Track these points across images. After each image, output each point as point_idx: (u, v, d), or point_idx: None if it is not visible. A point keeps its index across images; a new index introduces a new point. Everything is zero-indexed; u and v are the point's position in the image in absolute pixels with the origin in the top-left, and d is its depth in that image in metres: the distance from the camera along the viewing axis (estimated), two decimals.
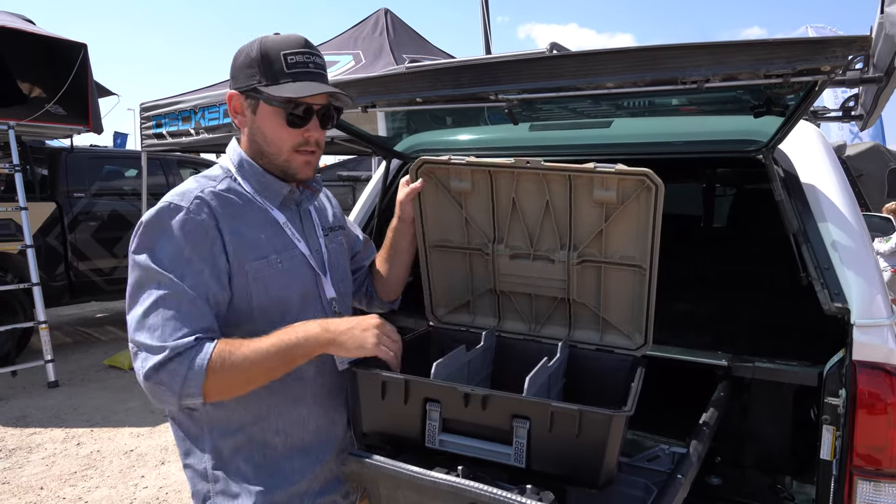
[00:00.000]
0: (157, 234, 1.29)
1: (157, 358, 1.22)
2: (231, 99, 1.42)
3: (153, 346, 1.23)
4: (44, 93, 6.44)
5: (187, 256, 1.29)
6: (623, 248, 1.65)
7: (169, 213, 1.30)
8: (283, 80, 1.35)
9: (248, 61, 1.37)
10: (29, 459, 4.17)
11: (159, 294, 1.26)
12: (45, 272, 6.31)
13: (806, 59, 1.22)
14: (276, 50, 1.36)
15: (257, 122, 1.41)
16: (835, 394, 1.56)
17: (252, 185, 1.44)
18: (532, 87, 1.54)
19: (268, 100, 1.37)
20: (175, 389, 1.23)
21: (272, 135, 1.40)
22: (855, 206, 1.78)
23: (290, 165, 1.43)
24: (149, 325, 1.25)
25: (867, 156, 12.37)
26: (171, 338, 1.23)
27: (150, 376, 1.23)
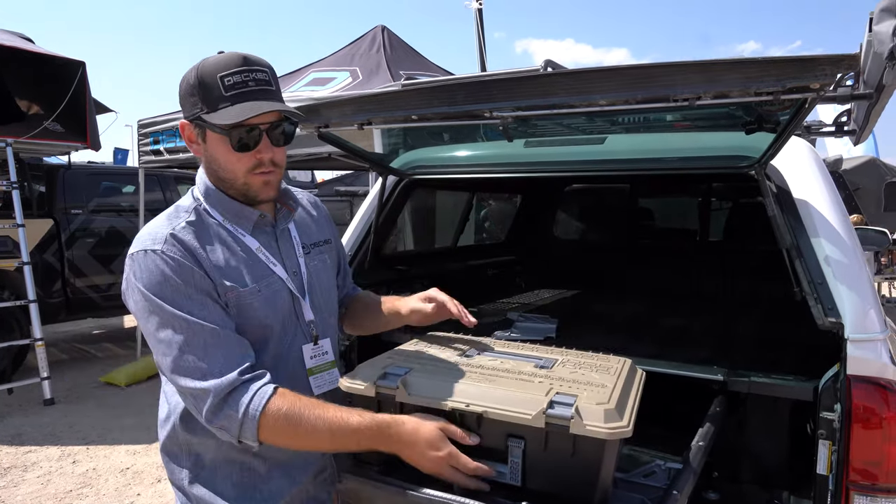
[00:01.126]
0: (147, 282, 1.28)
1: (206, 403, 1.25)
2: (183, 129, 1.40)
3: (197, 388, 1.25)
4: (42, 110, 6.46)
5: (184, 291, 1.28)
6: None
7: (146, 260, 1.29)
8: (223, 105, 1.30)
9: (189, 89, 1.33)
10: (24, 478, 4.14)
11: (179, 339, 1.26)
12: (41, 289, 6.29)
13: (795, 77, 1.23)
14: (213, 73, 1.30)
15: (209, 149, 1.37)
16: (830, 408, 1.56)
17: (221, 213, 1.41)
18: (526, 105, 1.56)
19: (211, 127, 1.32)
20: (233, 434, 1.26)
21: (224, 161, 1.36)
22: (847, 221, 1.79)
23: (250, 189, 1.39)
24: (187, 370, 1.26)
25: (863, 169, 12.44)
26: (212, 375, 1.25)
27: (210, 421, 1.26)
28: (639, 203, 4.45)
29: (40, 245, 6.53)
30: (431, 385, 1.36)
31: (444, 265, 3.66)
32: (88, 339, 8.35)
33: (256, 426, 1.24)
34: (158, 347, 1.29)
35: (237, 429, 1.25)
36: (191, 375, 1.26)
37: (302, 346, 1.47)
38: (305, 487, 1.46)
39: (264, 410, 1.24)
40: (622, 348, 1.86)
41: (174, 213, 1.39)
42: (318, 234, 1.62)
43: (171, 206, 1.44)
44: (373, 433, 1.27)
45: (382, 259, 2.79)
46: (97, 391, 6.01)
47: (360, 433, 1.26)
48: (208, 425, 1.27)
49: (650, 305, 3.41)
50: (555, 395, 1.27)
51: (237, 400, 1.24)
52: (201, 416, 1.26)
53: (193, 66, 1.33)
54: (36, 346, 5.65)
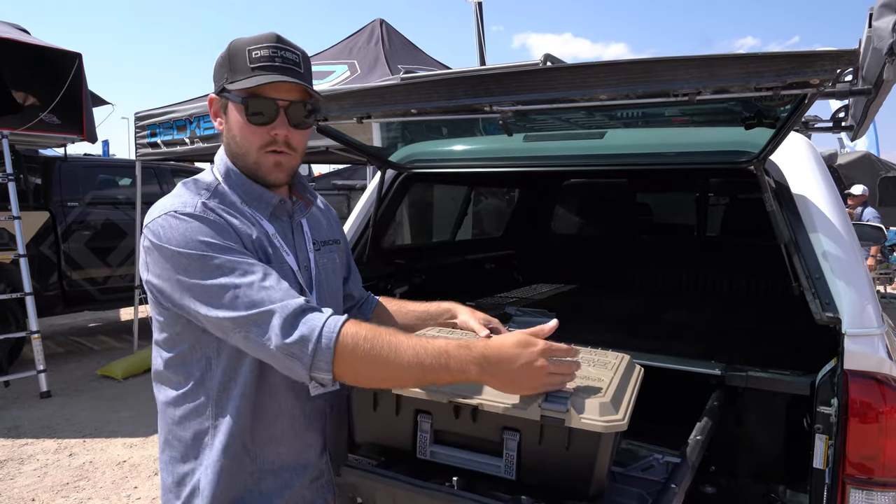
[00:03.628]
0: (181, 240, 1.21)
1: (274, 324, 1.15)
2: (211, 103, 1.38)
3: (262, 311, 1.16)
4: (38, 102, 6.43)
5: (227, 247, 1.22)
6: None
7: (177, 219, 1.23)
8: (244, 75, 1.28)
9: (220, 62, 1.33)
10: (21, 471, 4.14)
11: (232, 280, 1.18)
12: (38, 282, 6.28)
13: (795, 73, 1.24)
14: (243, 46, 1.30)
15: (228, 122, 1.35)
16: (827, 403, 1.57)
17: (239, 195, 1.37)
18: (526, 99, 1.55)
19: (232, 96, 1.30)
20: (306, 362, 1.14)
21: (238, 133, 1.34)
22: (845, 216, 1.80)
23: (261, 167, 1.35)
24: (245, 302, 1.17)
25: (858, 164, 12.50)
26: (274, 301, 1.17)
27: (279, 346, 1.14)
28: (637, 198, 4.46)
29: (36, 237, 6.51)
30: None
31: (442, 259, 3.67)
32: (85, 332, 8.34)
33: (333, 352, 1.14)
34: (211, 300, 1.19)
35: (310, 357, 1.14)
36: (251, 306, 1.16)
37: None
38: (301, 492, 1.42)
39: (341, 332, 1.15)
40: (620, 343, 1.87)
41: (194, 186, 1.34)
42: (329, 233, 1.60)
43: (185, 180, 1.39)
44: (460, 352, 1.16)
45: (381, 252, 2.79)
46: (94, 384, 6.01)
47: (448, 354, 1.16)
48: (278, 353, 1.15)
49: (648, 300, 3.42)
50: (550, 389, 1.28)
51: (311, 319, 1.16)
52: (270, 343, 1.15)
53: (230, 43, 1.33)
54: (32, 338, 5.63)
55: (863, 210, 8.98)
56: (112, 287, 7.13)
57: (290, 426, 1.39)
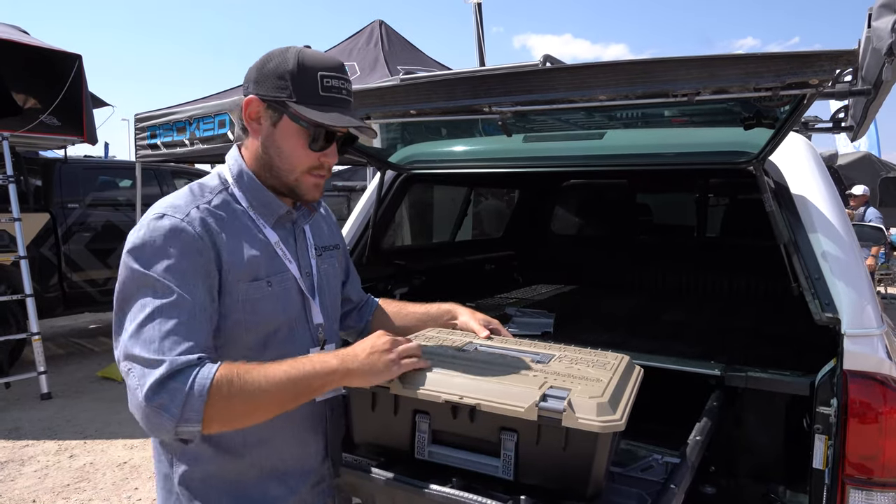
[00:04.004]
0: (150, 246, 1.21)
1: (155, 374, 1.10)
2: (250, 104, 1.32)
3: (150, 359, 1.12)
4: (38, 104, 6.43)
5: (182, 269, 1.21)
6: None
7: (160, 224, 1.23)
8: (315, 103, 1.29)
9: (281, 71, 1.29)
10: (21, 472, 4.14)
11: (157, 304, 1.17)
12: (38, 283, 6.28)
13: (794, 73, 1.24)
14: (315, 68, 1.29)
15: (276, 135, 1.33)
16: (826, 403, 1.57)
17: (248, 200, 1.37)
18: (525, 100, 1.56)
19: (294, 117, 1.29)
20: (174, 413, 1.10)
21: (290, 152, 1.33)
22: (845, 217, 1.80)
23: (300, 186, 1.36)
24: (144, 338, 1.15)
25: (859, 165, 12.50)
26: (171, 352, 1.14)
27: (149, 398, 1.10)
28: (637, 199, 4.46)
29: (37, 239, 6.51)
30: (426, 378, 1.37)
31: (442, 260, 3.67)
32: (85, 334, 8.34)
33: (203, 403, 1.11)
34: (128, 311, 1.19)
35: (179, 409, 1.10)
36: (148, 345, 1.14)
37: (309, 349, 1.41)
38: (302, 497, 1.42)
39: (214, 380, 1.12)
40: (619, 343, 1.87)
41: (199, 190, 1.33)
42: (329, 238, 1.61)
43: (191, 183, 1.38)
44: (325, 366, 1.23)
45: (381, 254, 2.79)
46: (94, 386, 6.01)
47: (315, 372, 1.21)
48: (144, 404, 1.10)
49: (648, 301, 3.42)
50: (548, 389, 1.28)
51: (186, 374, 1.12)
52: (140, 391, 1.11)
53: (287, 51, 1.30)
54: (33, 340, 5.64)
55: (865, 210, 8.90)
56: (112, 289, 7.06)
57: (288, 429, 1.39)
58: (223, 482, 1.34)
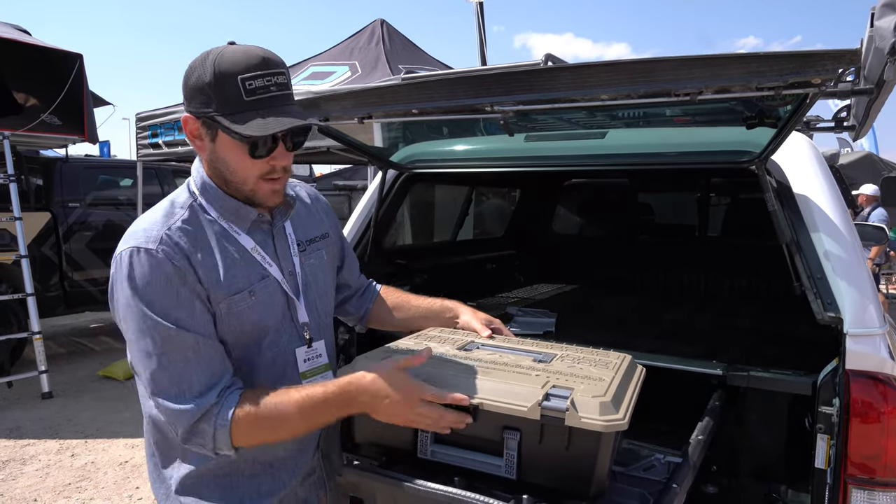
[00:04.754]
0: (137, 283, 1.21)
1: (183, 423, 1.21)
2: (186, 122, 1.28)
3: (176, 410, 1.21)
4: (39, 103, 6.44)
5: (175, 296, 1.22)
6: None
7: (139, 259, 1.22)
8: (242, 111, 1.21)
9: (201, 85, 1.22)
10: (23, 471, 4.14)
11: (164, 349, 1.21)
12: (39, 282, 6.28)
13: (797, 72, 1.24)
14: (233, 74, 1.20)
15: (217, 150, 1.29)
16: (828, 403, 1.57)
17: (217, 210, 1.34)
18: (527, 99, 1.55)
19: (226, 130, 1.23)
20: (209, 447, 1.23)
21: (235, 165, 1.29)
22: (847, 216, 1.79)
23: (257, 195, 1.33)
24: (164, 387, 1.22)
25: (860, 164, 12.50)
26: (191, 393, 1.21)
27: (185, 440, 1.23)
28: (638, 198, 4.46)
29: (38, 238, 6.52)
30: (429, 377, 1.36)
31: (443, 259, 3.67)
32: (86, 333, 8.34)
33: (229, 435, 1.22)
34: (137, 356, 1.24)
35: (212, 443, 1.22)
36: (168, 395, 1.21)
37: (296, 349, 1.42)
38: (294, 490, 1.42)
39: (233, 418, 1.21)
40: (621, 343, 1.87)
41: (169, 209, 1.31)
42: (315, 228, 1.55)
43: (166, 198, 1.36)
44: (338, 397, 1.25)
45: (382, 253, 2.79)
46: (95, 385, 6.01)
47: (328, 402, 1.24)
48: (184, 444, 1.25)
49: (649, 300, 3.42)
50: (551, 388, 1.28)
51: (210, 414, 1.22)
52: (177, 436, 1.24)
53: (206, 59, 1.22)
54: (34, 339, 5.64)
55: (871, 211, 8.69)
56: None
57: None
58: (216, 477, 1.35)
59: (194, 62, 1.25)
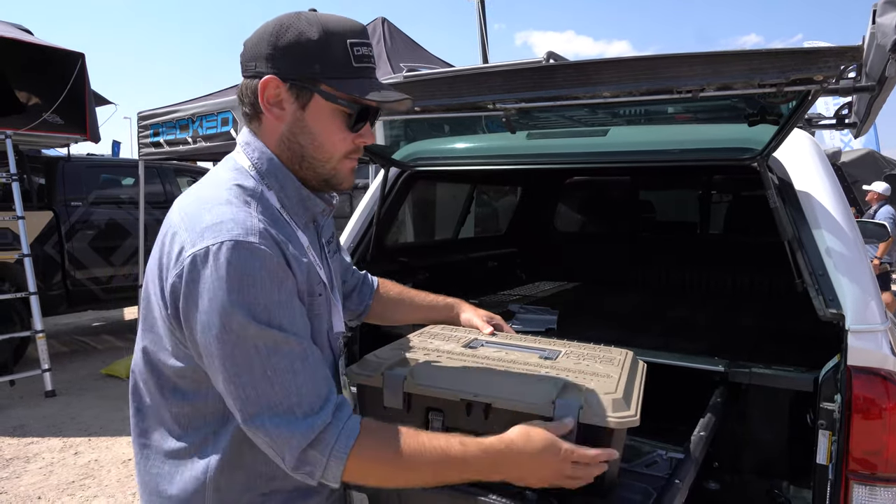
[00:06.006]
0: (236, 283, 1.00)
1: (296, 449, 1.02)
2: (267, 86, 1.11)
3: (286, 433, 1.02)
4: (41, 102, 6.45)
5: (279, 296, 1.04)
6: None
7: (238, 254, 1.01)
8: (349, 77, 1.11)
9: (304, 43, 1.08)
10: (26, 469, 4.16)
11: (270, 360, 1.02)
12: (42, 281, 6.30)
13: (799, 69, 1.24)
14: (342, 36, 1.10)
15: (307, 119, 1.13)
16: (830, 399, 1.57)
17: (280, 199, 1.16)
18: (529, 97, 1.56)
19: (329, 96, 1.11)
20: (315, 477, 1.05)
21: (325, 137, 1.15)
22: (849, 213, 1.80)
23: (338, 174, 1.19)
24: (270, 405, 1.02)
25: (862, 162, 12.48)
26: (301, 411, 1.03)
27: (295, 469, 1.04)
28: (640, 195, 4.46)
29: (40, 237, 6.53)
30: (439, 375, 1.37)
31: (445, 257, 3.67)
32: (89, 332, 8.36)
33: (342, 469, 1.04)
34: (231, 371, 1.02)
35: (321, 471, 1.04)
36: (275, 414, 1.02)
37: (333, 362, 1.28)
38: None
39: (352, 452, 1.04)
40: (623, 340, 1.87)
41: (240, 194, 1.10)
42: (328, 229, 1.42)
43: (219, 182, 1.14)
44: (487, 458, 1.10)
45: (384, 251, 2.80)
46: (98, 383, 6.02)
47: (466, 463, 1.08)
48: (291, 472, 1.06)
49: (651, 297, 3.43)
50: (562, 386, 1.28)
51: (325, 441, 1.04)
52: (283, 464, 1.05)
53: (304, 16, 1.10)
54: (37, 338, 5.66)
55: (877, 209, 8.49)
56: (116, 286, 7.15)
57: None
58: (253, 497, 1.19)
59: (283, 20, 1.11)
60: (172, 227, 1.09)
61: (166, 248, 1.08)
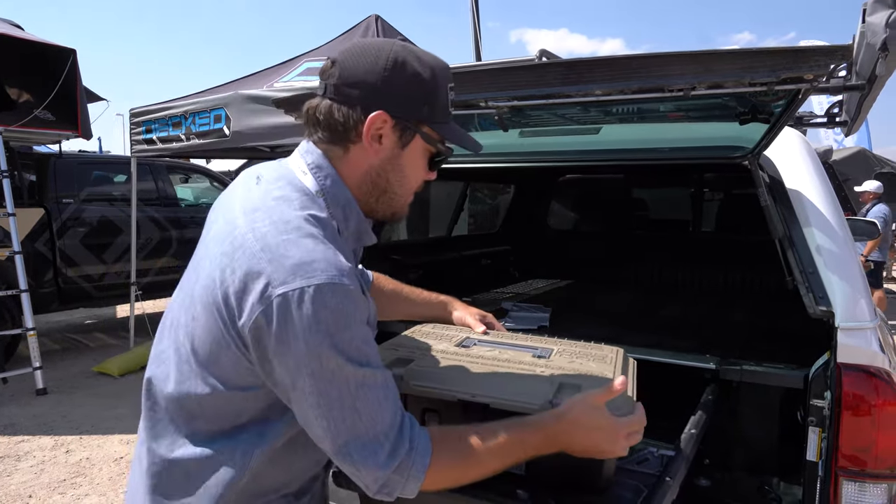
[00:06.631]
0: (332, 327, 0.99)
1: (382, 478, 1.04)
2: (374, 122, 1.09)
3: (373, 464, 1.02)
4: (32, 98, 6.40)
5: (366, 336, 1.05)
6: None
7: (332, 297, 0.98)
8: (446, 122, 1.15)
9: (417, 84, 1.09)
10: (17, 467, 4.14)
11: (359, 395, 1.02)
12: (33, 279, 6.25)
13: (789, 68, 1.25)
14: (444, 82, 1.12)
15: (403, 158, 1.14)
16: (820, 396, 1.58)
17: (340, 227, 1.13)
18: (522, 94, 1.56)
19: (430, 140, 1.14)
20: (393, 495, 1.06)
21: (412, 175, 1.17)
22: (839, 211, 1.81)
23: (405, 208, 1.22)
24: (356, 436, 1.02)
25: (853, 161, 12.54)
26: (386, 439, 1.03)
27: (376, 492, 1.06)
28: (633, 194, 4.47)
29: (31, 234, 6.49)
30: (435, 375, 1.37)
31: (438, 255, 3.67)
32: (81, 329, 8.32)
33: (419, 485, 1.06)
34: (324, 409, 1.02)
35: (399, 491, 1.06)
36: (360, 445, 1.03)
37: None
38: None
39: (428, 472, 1.06)
40: (615, 337, 1.88)
41: (318, 226, 1.06)
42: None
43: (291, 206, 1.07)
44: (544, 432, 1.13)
45: (376, 248, 2.79)
46: (90, 381, 6.00)
47: (525, 444, 1.12)
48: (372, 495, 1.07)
49: (643, 295, 3.44)
50: (559, 385, 1.29)
51: (404, 465, 1.05)
52: (366, 489, 1.07)
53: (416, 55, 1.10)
54: (28, 335, 5.62)
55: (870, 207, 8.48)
56: (108, 284, 7.10)
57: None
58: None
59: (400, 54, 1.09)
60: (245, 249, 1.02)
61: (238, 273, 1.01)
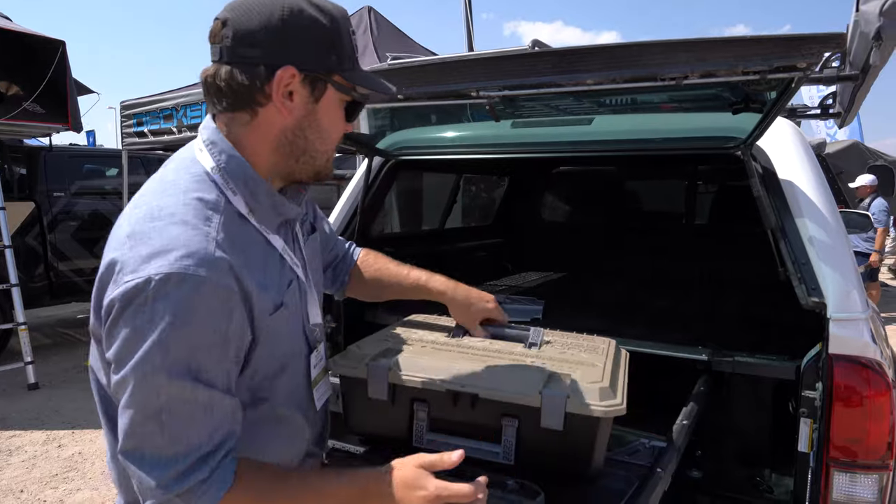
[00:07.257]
0: (163, 326, 0.90)
1: (158, 498, 0.94)
2: (283, 77, 1.00)
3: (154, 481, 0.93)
4: (21, 91, 6.34)
5: (211, 342, 0.94)
6: None
7: (177, 291, 0.90)
8: (354, 66, 1.06)
9: (324, 33, 1.01)
10: (9, 462, 4.12)
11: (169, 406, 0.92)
12: (24, 273, 6.21)
13: (782, 56, 1.23)
14: (345, 23, 1.04)
15: (319, 112, 1.06)
16: (812, 387, 1.58)
17: (248, 205, 1.05)
18: (513, 84, 1.54)
19: (342, 88, 1.06)
20: None
21: (330, 129, 1.09)
22: (832, 202, 1.80)
23: (328, 165, 1.13)
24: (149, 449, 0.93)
25: (847, 153, 12.58)
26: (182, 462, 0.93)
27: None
28: (626, 186, 4.47)
29: (22, 228, 6.44)
30: (424, 366, 1.36)
31: (431, 247, 3.66)
32: (72, 324, 8.27)
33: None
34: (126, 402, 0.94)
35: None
36: (154, 459, 0.93)
37: (307, 355, 1.20)
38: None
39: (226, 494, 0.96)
40: (608, 329, 1.87)
41: (200, 210, 0.98)
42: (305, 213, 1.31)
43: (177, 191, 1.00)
44: (350, 493, 1.03)
45: (369, 241, 2.78)
46: (82, 375, 5.97)
47: (337, 497, 1.03)
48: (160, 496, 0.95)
49: (636, 287, 3.43)
50: (549, 375, 1.28)
51: (192, 494, 0.94)
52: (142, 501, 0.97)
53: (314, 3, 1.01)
54: (19, 330, 5.59)
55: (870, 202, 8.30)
56: None
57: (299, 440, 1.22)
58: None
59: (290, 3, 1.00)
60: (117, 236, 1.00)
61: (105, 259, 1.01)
